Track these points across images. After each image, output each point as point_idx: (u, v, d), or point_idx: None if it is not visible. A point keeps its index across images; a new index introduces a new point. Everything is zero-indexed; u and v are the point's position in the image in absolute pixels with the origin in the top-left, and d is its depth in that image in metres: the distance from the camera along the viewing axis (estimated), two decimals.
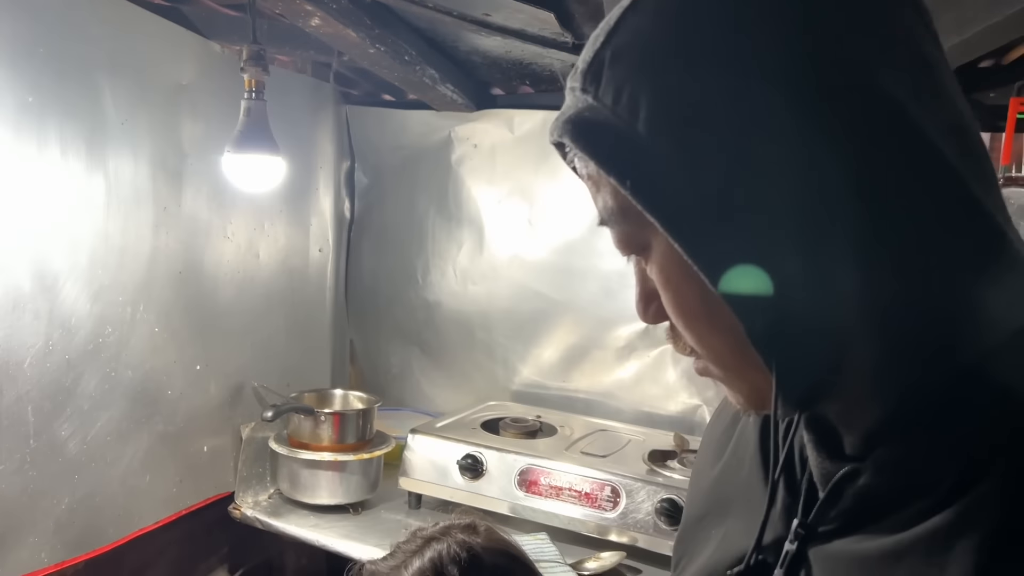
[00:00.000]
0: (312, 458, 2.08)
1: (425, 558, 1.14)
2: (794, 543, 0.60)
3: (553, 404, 2.48)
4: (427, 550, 1.15)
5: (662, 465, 2.03)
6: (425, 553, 1.15)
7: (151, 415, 1.84)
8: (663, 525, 1.88)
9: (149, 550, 1.96)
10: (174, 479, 1.92)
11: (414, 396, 2.67)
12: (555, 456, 2.08)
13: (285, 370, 2.27)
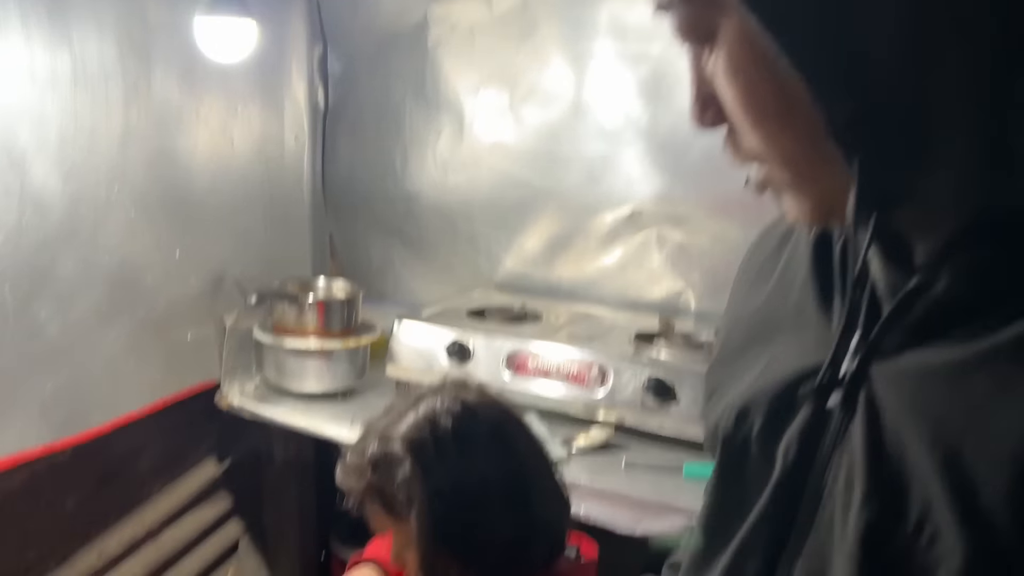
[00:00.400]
0: (298, 346, 2.06)
1: (419, 412, 1.13)
2: (855, 361, 0.57)
3: (537, 293, 2.47)
4: (421, 404, 1.15)
5: (648, 346, 2.03)
6: (419, 407, 1.14)
7: (131, 301, 1.80)
8: (650, 403, 1.90)
9: (136, 439, 1.94)
10: (158, 366, 1.89)
11: (396, 289, 2.64)
12: (542, 339, 2.07)
13: (265, 261, 2.23)
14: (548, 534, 1.15)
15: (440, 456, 1.09)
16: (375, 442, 1.12)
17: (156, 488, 2.03)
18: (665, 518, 1.73)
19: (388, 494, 1.10)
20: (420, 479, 1.08)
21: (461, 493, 1.09)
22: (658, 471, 1.84)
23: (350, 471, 1.14)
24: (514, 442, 1.16)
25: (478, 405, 1.16)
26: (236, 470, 2.26)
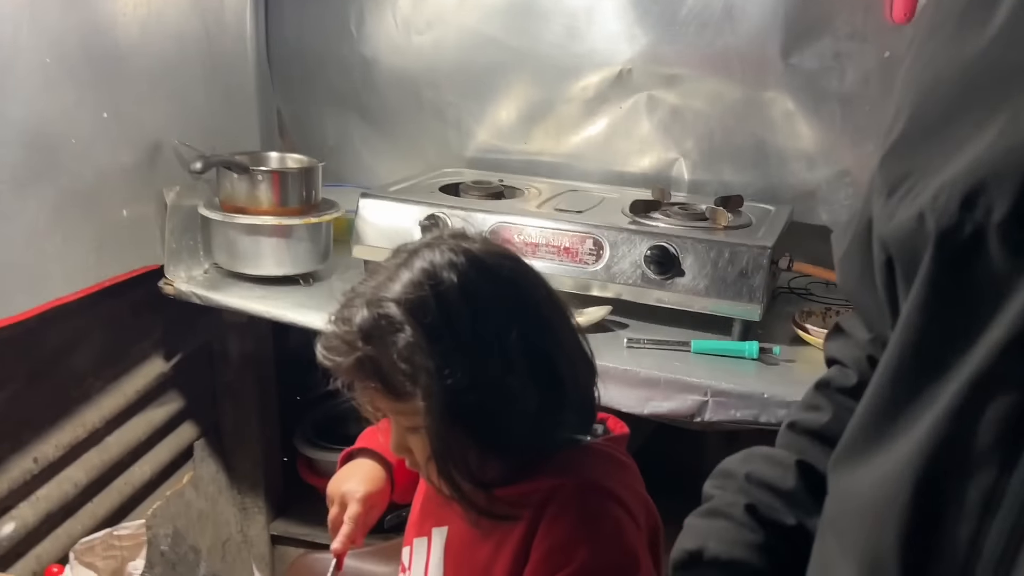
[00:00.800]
0: (252, 222, 1.82)
1: (415, 268, 0.92)
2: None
3: (514, 169, 2.25)
4: (416, 260, 0.93)
5: (645, 216, 1.84)
6: (414, 263, 0.93)
7: (53, 165, 1.53)
8: (651, 275, 1.72)
9: (71, 330, 1.70)
10: (90, 245, 1.64)
11: (355, 170, 2.39)
12: (526, 214, 1.87)
13: (208, 132, 1.96)
14: (577, 402, 0.97)
15: (446, 317, 0.89)
16: (363, 308, 0.91)
17: (97, 387, 1.80)
18: (675, 396, 1.57)
19: (385, 369, 0.89)
20: (425, 346, 0.87)
21: (476, 359, 0.89)
22: (663, 348, 1.67)
23: (335, 344, 0.92)
24: (532, 296, 0.95)
25: (485, 255, 0.95)
26: (187, 367, 2.03)
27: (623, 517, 0.93)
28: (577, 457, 0.97)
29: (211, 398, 2.14)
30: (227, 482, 2.19)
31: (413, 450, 0.95)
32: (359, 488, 1.09)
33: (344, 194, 2.07)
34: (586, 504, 0.92)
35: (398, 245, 1.00)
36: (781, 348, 1.65)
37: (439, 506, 1.03)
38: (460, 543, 0.99)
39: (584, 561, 0.89)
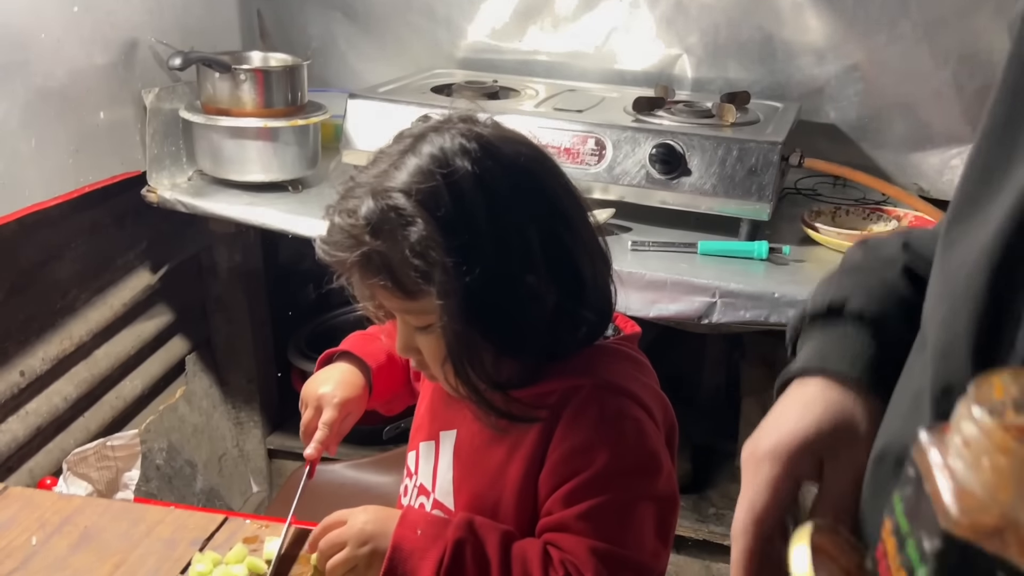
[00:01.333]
0: (236, 125, 1.73)
1: (424, 154, 0.84)
2: None
3: (508, 69, 2.15)
4: (423, 145, 0.85)
5: (649, 113, 1.77)
6: (422, 148, 0.85)
7: (23, 62, 1.44)
8: (656, 174, 1.65)
9: (52, 239, 1.63)
10: (67, 149, 1.56)
11: (340, 74, 2.29)
12: (524, 114, 1.78)
13: (185, 30, 1.85)
14: (596, 299, 0.91)
15: (462, 209, 0.81)
16: (369, 198, 0.83)
17: (82, 299, 1.74)
18: (682, 299, 1.52)
19: (395, 265, 0.82)
20: (441, 241, 0.80)
21: (493, 255, 0.82)
22: (669, 250, 1.61)
23: (339, 238, 0.84)
24: (550, 186, 0.89)
25: (499, 141, 0.87)
26: (176, 279, 1.97)
27: (643, 417, 0.88)
28: (593, 357, 0.91)
29: (201, 312, 2.09)
30: (221, 396, 2.15)
31: (422, 350, 0.89)
32: (336, 393, 1.03)
33: (331, 99, 1.97)
34: (605, 405, 0.87)
35: (399, 130, 0.92)
36: (791, 248, 1.60)
37: (447, 409, 0.98)
38: (470, 446, 0.95)
39: (605, 464, 0.85)
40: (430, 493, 0.97)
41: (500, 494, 0.90)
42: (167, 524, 0.99)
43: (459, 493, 0.94)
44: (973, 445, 0.35)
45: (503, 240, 0.83)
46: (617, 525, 0.85)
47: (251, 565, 0.90)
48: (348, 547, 0.86)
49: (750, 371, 1.83)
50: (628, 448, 0.86)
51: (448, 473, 0.95)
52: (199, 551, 0.93)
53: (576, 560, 0.83)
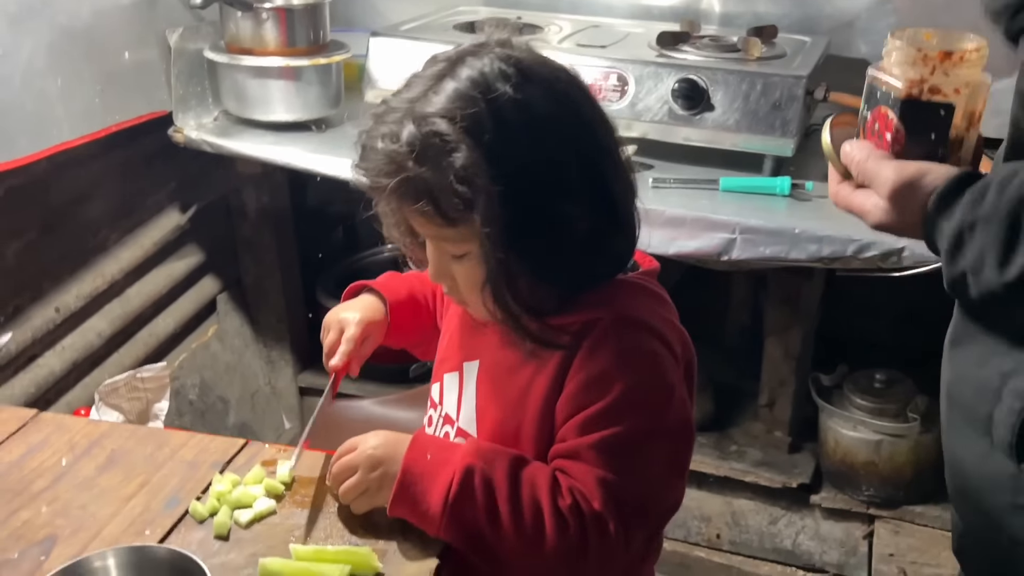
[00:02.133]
0: (259, 64, 1.74)
1: (463, 78, 0.83)
2: None
3: (533, 6, 2.12)
4: (462, 68, 0.84)
5: (673, 48, 1.74)
6: (460, 72, 0.84)
7: (47, 2, 1.46)
8: (679, 110, 1.64)
9: (82, 179, 1.67)
10: (93, 88, 1.58)
11: (363, 12, 2.26)
12: (547, 50, 1.76)
13: None
14: (624, 224, 0.91)
15: (505, 132, 0.81)
16: (410, 123, 0.82)
17: (113, 238, 1.78)
18: (701, 235, 1.52)
19: (437, 191, 0.82)
20: (485, 167, 0.80)
21: (536, 181, 0.83)
22: (690, 187, 1.61)
23: (378, 163, 0.84)
24: (587, 112, 0.88)
25: (537, 65, 0.87)
26: (205, 220, 2.00)
27: (660, 349, 0.89)
28: (613, 290, 0.91)
29: (231, 252, 2.12)
30: (252, 335, 2.20)
31: (456, 277, 0.90)
32: (356, 314, 1.06)
33: (353, 38, 1.96)
34: (623, 337, 0.87)
35: (433, 54, 0.91)
36: (814, 184, 1.58)
37: (471, 340, 0.99)
38: (493, 375, 0.96)
39: (620, 395, 0.86)
40: (454, 422, 0.99)
41: (521, 421, 0.92)
42: (190, 448, 1.02)
43: (482, 421, 0.96)
44: (895, 54, 0.80)
45: (544, 167, 0.83)
46: (628, 457, 0.86)
47: (268, 486, 0.93)
48: (360, 471, 0.88)
49: (773, 311, 1.82)
50: (644, 380, 0.87)
51: (472, 402, 0.97)
52: (219, 472, 0.97)
53: (584, 488, 0.84)
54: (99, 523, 0.91)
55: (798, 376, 1.84)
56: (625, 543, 0.85)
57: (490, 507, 0.84)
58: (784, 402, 1.88)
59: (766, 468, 1.84)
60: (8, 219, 1.52)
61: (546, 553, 0.84)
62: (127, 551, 0.81)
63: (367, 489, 0.88)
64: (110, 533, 0.89)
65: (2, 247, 1.52)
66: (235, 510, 0.90)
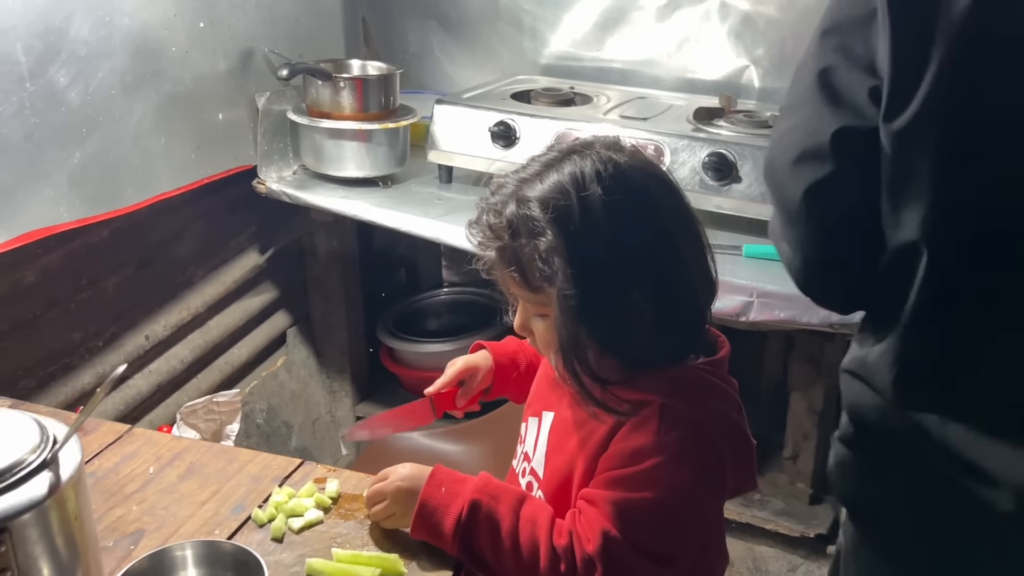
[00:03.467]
0: (335, 127, 1.95)
1: (564, 172, 0.97)
2: None
3: (586, 76, 2.31)
4: (566, 164, 0.98)
5: (708, 123, 1.90)
6: (564, 167, 0.97)
7: (157, 72, 1.69)
8: (710, 181, 1.78)
9: (173, 223, 1.89)
10: (190, 145, 1.81)
11: (434, 77, 2.49)
12: (592, 121, 1.94)
13: (296, 39, 2.09)
14: (689, 322, 1.02)
15: (587, 225, 0.95)
16: (512, 203, 0.98)
17: (199, 275, 2.00)
18: (723, 296, 1.64)
19: (525, 262, 0.97)
20: (564, 250, 0.94)
21: (607, 272, 0.96)
22: (716, 251, 1.72)
23: (484, 230, 1.01)
24: (669, 218, 1.00)
25: (631, 170, 0.99)
26: (280, 260, 2.22)
27: (697, 441, 0.97)
28: (674, 377, 1.01)
29: (302, 290, 2.34)
30: (317, 367, 2.40)
31: (535, 332, 1.05)
32: (461, 359, 1.25)
33: (423, 100, 2.18)
34: (664, 425, 0.97)
35: (553, 140, 1.05)
36: None
37: (550, 393, 1.14)
38: (561, 429, 1.10)
39: (649, 468, 0.95)
40: (530, 460, 1.14)
41: (571, 474, 1.05)
42: (255, 464, 1.20)
43: (548, 464, 1.10)
44: None
45: (618, 260, 0.96)
46: (636, 524, 0.95)
47: (318, 499, 1.10)
48: (388, 499, 1.04)
49: (798, 368, 1.93)
50: (670, 464, 0.96)
51: (543, 448, 1.11)
52: (278, 486, 1.14)
53: (585, 532, 0.95)
54: (178, 522, 1.09)
55: (821, 431, 1.94)
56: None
57: (493, 537, 0.98)
58: (807, 455, 1.98)
59: (787, 517, 1.94)
60: (111, 257, 1.74)
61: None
62: (201, 544, 0.99)
63: (393, 513, 1.04)
64: (187, 530, 1.07)
65: (104, 280, 1.74)
66: (289, 518, 1.08)
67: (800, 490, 1.99)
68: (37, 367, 1.61)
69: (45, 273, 1.59)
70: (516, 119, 1.94)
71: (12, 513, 0.80)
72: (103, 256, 1.71)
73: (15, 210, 1.43)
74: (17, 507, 0.80)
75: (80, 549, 0.87)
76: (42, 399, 1.59)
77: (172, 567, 0.97)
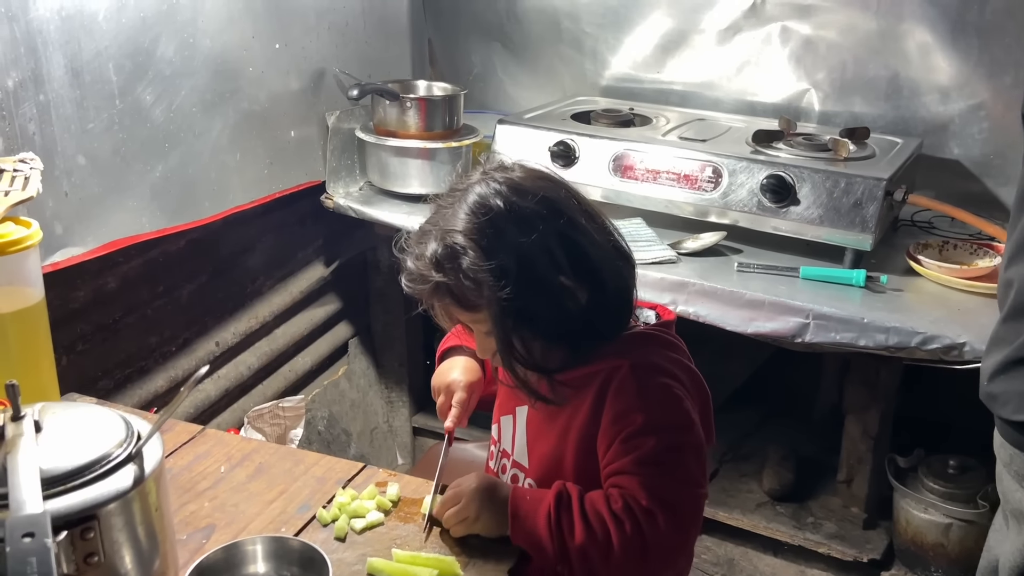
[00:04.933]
0: (400, 145, 2.02)
1: (470, 202, 1.09)
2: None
3: (646, 98, 2.34)
4: (469, 195, 1.10)
5: (767, 145, 1.91)
6: (468, 198, 1.09)
7: (235, 91, 1.77)
8: (767, 203, 1.80)
9: (245, 235, 1.97)
10: (264, 161, 1.89)
11: (497, 97, 2.55)
12: (651, 142, 1.97)
13: (365, 60, 2.17)
14: (620, 294, 1.13)
15: (498, 235, 1.06)
16: (433, 242, 1.09)
17: (267, 285, 2.08)
18: (778, 318, 1.67)
19: (455, 289, 1.07)
20: (483, 263, 1.05)
21: (526, 265, 1.06)
22: (773, 273, 1.76)
23: (416, 277, 1.11)
24: (566, 205, 1.11)
25: (523, 180, 1.11)
26: (344, 273, 2.29)
27: (671, 384, 1.10)
28: (631, 342, 1.14)
29: (364, 302, 2.40)
30: (376, 377, 2.46)
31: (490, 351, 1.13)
32: (462, 378, 1.30)
33: (486, 120, 2.24)
34: (640, 379, 1.09)
35: (452, 183, 1.16)
36: (890, 277, 1.71)
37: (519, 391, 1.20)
38: (538, 419, 1.20)
39: (642, 423, 1.07)
40: (510, 455, 1.22)
41: (563, 453, 1.15)
42: (320, 466, 1.26)
43: (532, 453, 1.19)
44: None
45: (531, 252, 1.06)
46: (663, 464, 1.06)
47: (379, 502, 1.15)
48: (463, 502, 1.09)
49: (853, 391, 1.92)
50: (662, 408, 1.08)
51: (523, 438, 1.21)
52: (342, 488, 1.19)
53: (633, 492, 1.04)
54: (247, 518, 1.14)
55: (876, 455, 1.93)
56: (675, 532, 1.04)
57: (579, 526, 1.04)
58: (861, 480, 1.97)
59: (839, 541, 1.93)
60: (187, 266, 1.83)
61: (615, 555, 1.02)
62: (270, 540, 1.04)
63: (466, 518, 1.09)
64: (255, 527, 1.13)
65: (180, 289, 1.83)
66: (352, 519, 1.13)
67: (854, 514, 1.98)
68: (115, 369, 1.70)
69: (125, 280, 1.67)
70: (576, 139, 1.98)
71: (100, 502, 0.85)
72: (179, 265, 1.80)
73: (102, 220, 1.52)
74: (105, 496, 0.86)
75: (159, 539, 0.93)
76: (119, 400, 1.68)
77: (243, 560, 1.02)
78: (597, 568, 1.05)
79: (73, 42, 1.41)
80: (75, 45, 1.41)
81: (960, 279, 1.67)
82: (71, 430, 0.91)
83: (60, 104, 1.40)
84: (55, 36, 1.38)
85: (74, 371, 1.57)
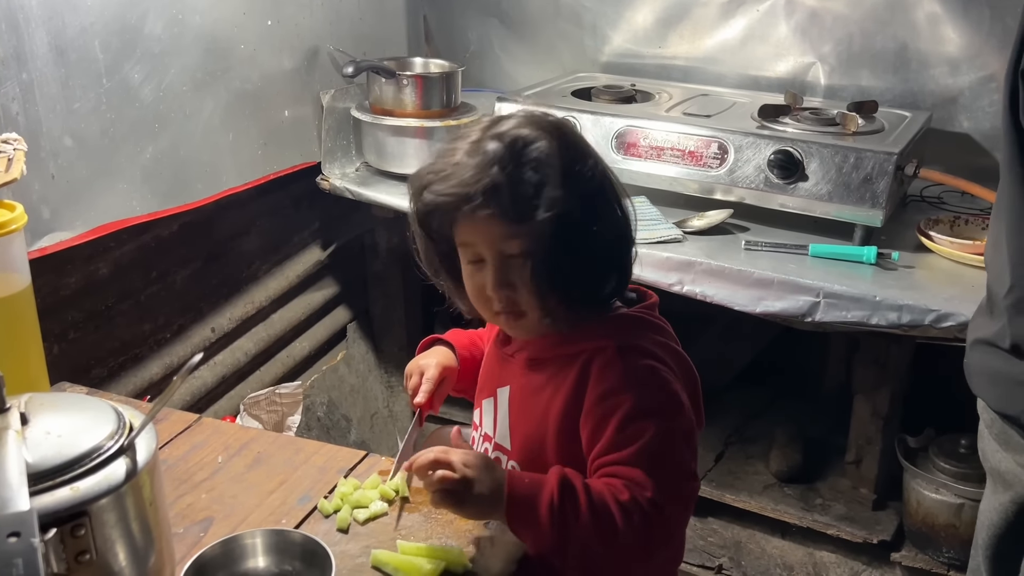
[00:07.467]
0: (397, 124, 1.97)
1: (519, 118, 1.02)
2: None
3: (648, 73, 2.29)
4: (510, 119, 1.02)
5: (773, 120, 1.87)
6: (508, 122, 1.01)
7: (226, 69, 1.72)
8: (775, 179, 1.75)
9: (240, 219, 1.93)
10: (257, 141, 1.84)
11: (495, 75, 2.50)
12: (654, 118, 1.92)
13: (359, 37, 2.11)
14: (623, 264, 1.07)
15: (569, 150, 0.99)
16: (491, 141, 0.98)
17: (263, 270, 2.03)
18: (787, 297, 1.63)
19: (509, 193, 0.96)
20: (556, 161, 0.97)
21: (580, 180, 1.00)
22: (781, 251, 1.72)
23: (466, 174, 0.97)
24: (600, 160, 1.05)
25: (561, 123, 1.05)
26: (342, 256, 2.25)
27: (659, 367, 1.05)
28: (616, 323, 1.08)
29: (362, 286, 2.36)
30: (376, 361, 2.42)
31: (515, 281, 1.03)
32: (432, 362, 1.25)
33: (484, 98, 2.19)
34: (626, 360, 1.03)
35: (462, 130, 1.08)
36: (901, 254, 1.67)
37: (500, 370, 1.17)
38: (521, 396, 1.14)
39: (631, 405, 1.01)
40: (492, 438, 1.16)
41: (545, 433, 1.08)
42: (321, 455, 1.22)
43: (514, 435, 1.13)
44: None
45: (586, 171, 1.01)
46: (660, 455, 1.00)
47: (382, 491, 1.11)
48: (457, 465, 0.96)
49: (863, 371, 1.89)
50: (649, 391, 1.03)
51: (505, 420, 1.14)
52: (343, 477, 1.15)
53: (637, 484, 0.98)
54: (246, 510, 1.11)
55: (885, 436, 1.90)
56: (676, 524, 1.02)
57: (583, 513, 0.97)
58: (871, 460, 1.94)
59: (849, 523, 1.90)
60: (180, 251, 1.79)
61: (619, 546, 0.97)
62: (270, 533, 1.00)
63: (455, 490, 0.96)
64: (255, 519, 1.09)
65: (173, 274, 1.79)
66: (354, 509, 1.09)
67: (863, 495, 1.95)
68: (108, 357, 1.65)
69: (118, 266, 1.63)
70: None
71: (91, 497, 0.81)
72: (172, 250, 1.75)
73: (91, 203, 1.47)
74: (96, 491, 0.82)
75: (154, 534, 0.89)
76: (112, 388, 1.64)
77: (242, 554, 0.98)
78: (595, 558, 0.99)
79: (56, 18, 1.36)
80: (59, 21, 1.36)
81: (973, 255, 1.63)
82: (60, 422, 0.86)
83: (44, 83, 1.35)
84: (37, 12, 1.33)
85: (66, 360, 1.53)
